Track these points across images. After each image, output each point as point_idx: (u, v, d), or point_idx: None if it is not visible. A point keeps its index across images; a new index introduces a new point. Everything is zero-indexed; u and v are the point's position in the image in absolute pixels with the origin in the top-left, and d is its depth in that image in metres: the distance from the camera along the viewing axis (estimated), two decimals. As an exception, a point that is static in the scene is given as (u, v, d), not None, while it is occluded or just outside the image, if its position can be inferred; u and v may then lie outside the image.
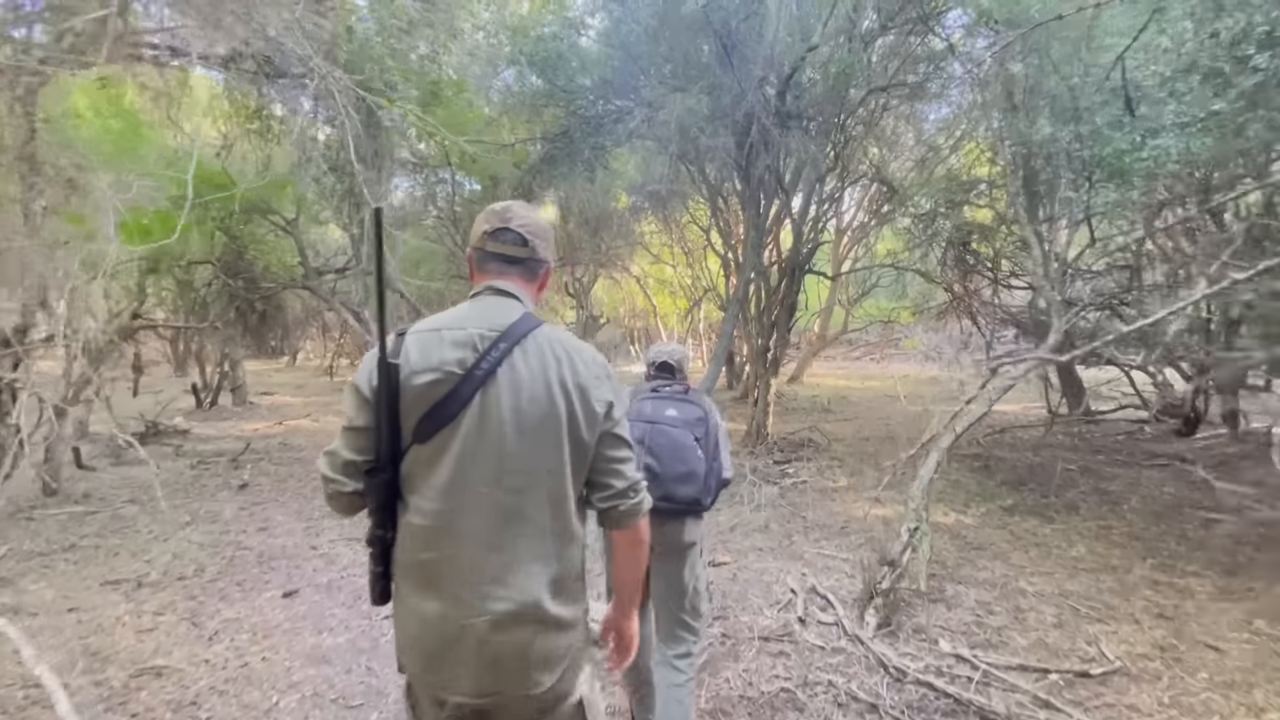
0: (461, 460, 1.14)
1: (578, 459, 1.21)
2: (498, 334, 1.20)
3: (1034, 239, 3.96)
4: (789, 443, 7.57)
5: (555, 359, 1.21)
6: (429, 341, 1.18)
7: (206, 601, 3.55)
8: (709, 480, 2.24)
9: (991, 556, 4.19)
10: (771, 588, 3.70)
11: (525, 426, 1.16)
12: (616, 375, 1.32)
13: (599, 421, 1.22)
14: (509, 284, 1.30)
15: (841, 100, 6.02)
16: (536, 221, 1.37)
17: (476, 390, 1.15)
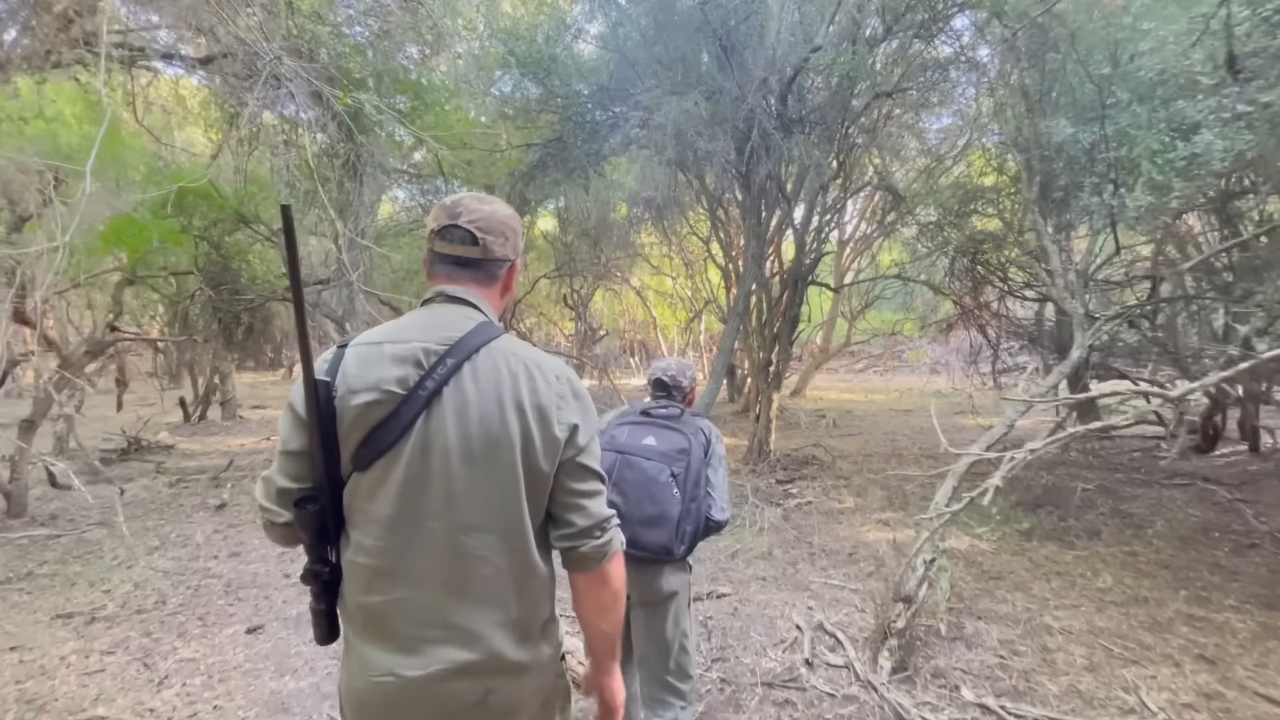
0: (405, 492, 1.01)
1: (535, 491, 1.07)
2: (445, 348, 1.05)
3: (1052, 248, 3.71)
4: (792, 460, 7.29)
5: (510, 375, 1.06)
6: (368, 357, 1.05)
7: (163, 638, 3.27)
8: (684, 524, 1.93)
9: (1011, 587, 3.91)
10: (775, 623, 3.42)
11: (474, 454, 1.02)
12: (586, 394, 1.12)
13: (560, 448, 1.06)
14: (462, 289, 1.14)
15: (845, 105, 5.81)
16: (491, 214, 1.15)
17: (419, 413, 1.02)
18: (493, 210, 1.15)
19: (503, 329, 1.15)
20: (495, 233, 1.14)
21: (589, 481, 1.10)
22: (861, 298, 13.88)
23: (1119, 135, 3.12)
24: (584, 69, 5.92)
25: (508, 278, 1.18)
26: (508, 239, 1.15)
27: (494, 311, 1.18)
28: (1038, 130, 3.55)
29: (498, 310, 1.20)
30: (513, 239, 1.16)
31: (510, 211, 1.18)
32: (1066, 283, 3.64)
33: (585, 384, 4.79)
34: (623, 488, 1.92)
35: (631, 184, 10.60)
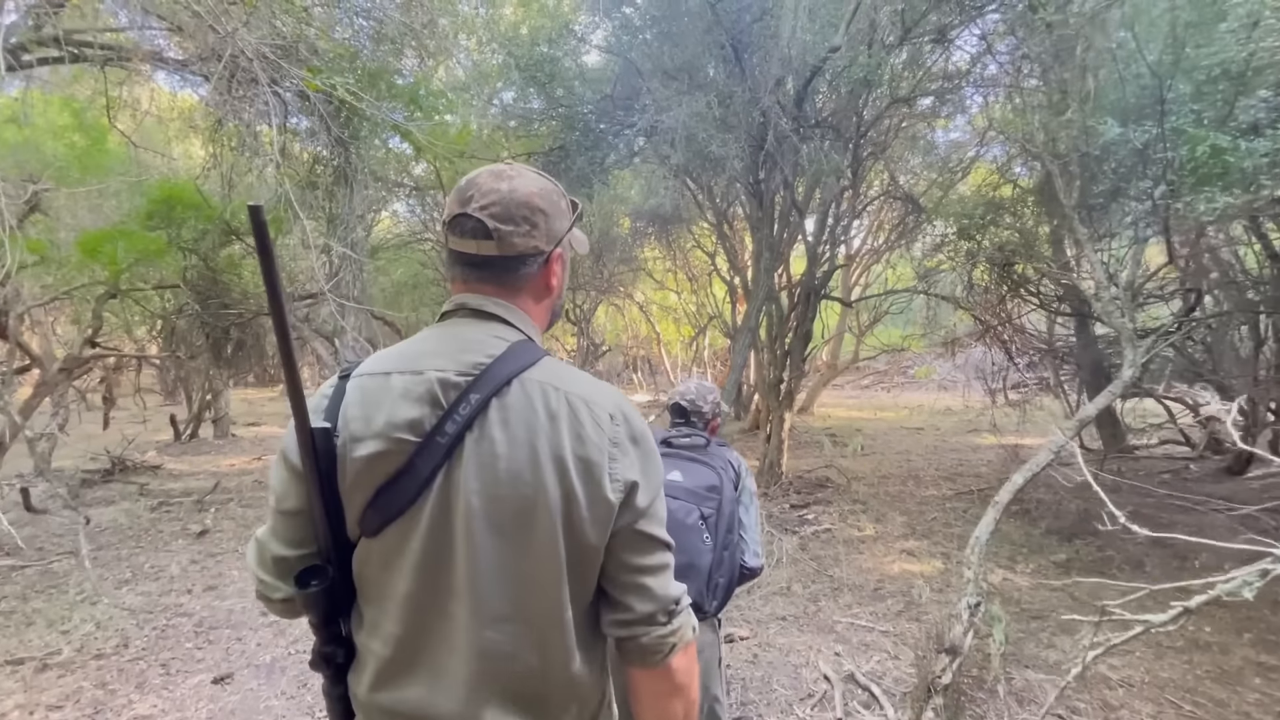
0: (424, 565, 0.80)
1: (581, 569, 0.82)
2: (469, 379, 0.81)
3: (1095, 259, 3.42)
4: (805, 482, 6.95)
5: (549, 417, 0.81)
6: (374, 393, 0.82)
7: (119, 689, 2.94)
8: (715, 575, 1.63)
9: (1056, 629, 3.57)
10: (800, 673, 3.08)
11: (502, 521, 0.79)
12: (648, 437, 0.85)
13: (613, 513, 0.81)
14: (484, 299, 0.88)
15: (861, 111, 5.57)
16: (510, 195, 0.85)
17: (439, 467, 0.79)
18: (512, 189, 0.85)
19: (545, 351, 0.88)
20: (515, 219, 0.85)
21: (652, 554, 0.85)
22: (870, 312, 13.61)
23: (1175, 133, 2.84)
24: (587, 75, 5.70)
25: (545, 275, 0.90)
26: (536, 225, 0.86)
27: (534, 324, 0.91)
28: (1079, 130, 3.27)
29: (541, 321, 0.93)
30: (545, 223, 0.87)
31: (539, 186, 0.88)
32: (1112, 296, 3.34)
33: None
34: None
35: (635, 197, 10.40)
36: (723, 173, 5.13)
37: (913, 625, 3.54)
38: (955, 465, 8.11)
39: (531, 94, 5.94)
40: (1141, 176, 3.01)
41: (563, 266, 0.94)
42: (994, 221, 5.06)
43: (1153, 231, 3.39)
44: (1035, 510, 5.88)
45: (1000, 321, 6.13)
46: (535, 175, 0.90)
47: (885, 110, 5.42)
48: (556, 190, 0.91)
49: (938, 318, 8.37)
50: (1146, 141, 2.88)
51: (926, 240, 7.18)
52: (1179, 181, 2.79)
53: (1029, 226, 5.28)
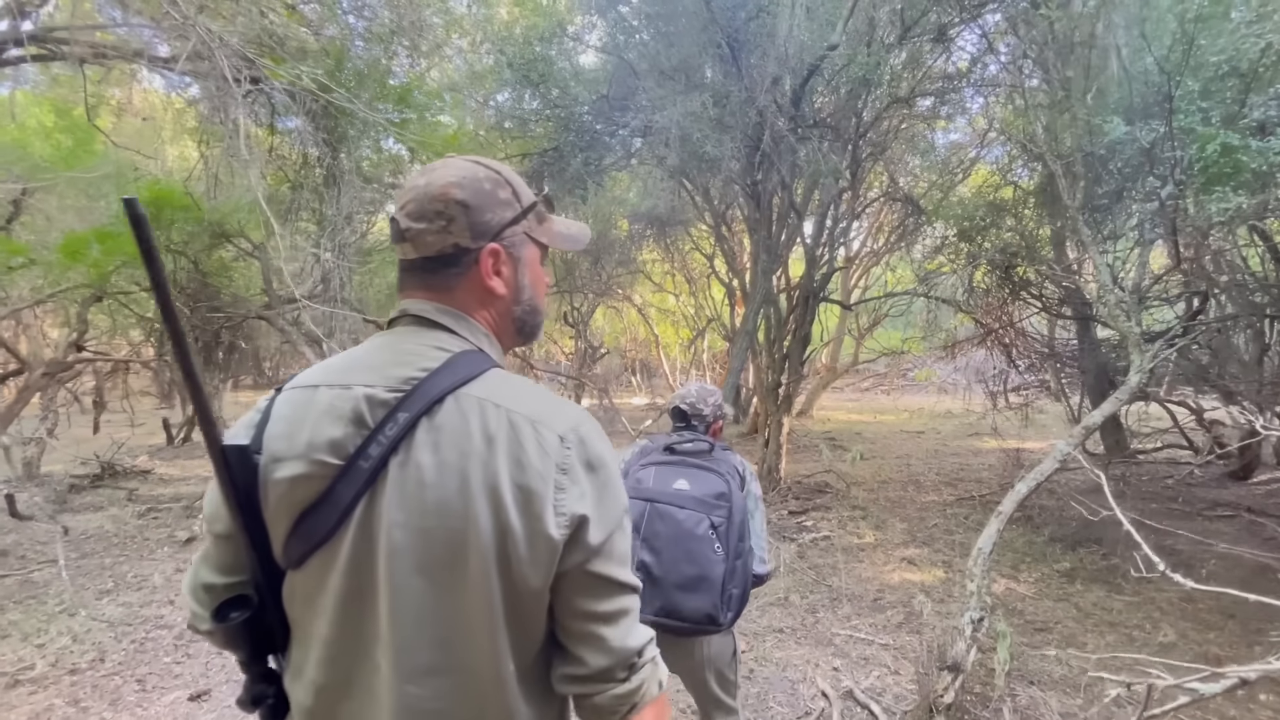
0: (344, 608, 0.71)
1: (521, 616, 0.71)
2: (399, 396, 0.72)
3: (1101, 261, 3.33)
4: (804, 488, 6.86)
5: (485, 439, 0.70)
6: (300, 407, 0.74)
7: (91, 707, 2.84)
8: (729, 586, 1.57)
9: (1062, 641, 3.46)
10: (797, 689, 2.98)
11: (428, 559, 0.68)
12: (607, 463, 0.73)
13: (556, 552, 0.70)
14: (425, 304, 0.79)
15: (860, 111, 5.48)
16: (425, 190, 0.76)
17: (360, 495, 0.70)
18: (428, 182, 0.77)
19: (492, 361, 0.78)
20: (427, 215, 0.76)
21: (608, 598, 0.73)
22: (869, 315, 13.53)
23: (1183, 132, 2.75)
24: (581, 75, 5.62)
25: (478, 276, 0.78)
26: (452, 220, 0.76)
27: (489, 333, 0.81)
28: (1084, 130, 3.18)
29: (500, 329, 0.83)
30: (465, 216, 0.76)
31: (462, 175, 0.77)
32: (1118, 299, 3.25)
33: (585, 404, 4.24)
34: (654, 544, 1.57)
35: (633, 199, 10.32)
36: (718, 173, 5.04)
37: (913, 638, 3.44)
38: (956, 470, 8.01)
39: (525, 94, 5.86)
40: (1148, 176, 2.92)
41: (513, 265, 0.82)
42: (995, 223, 4.97)
43: (1159, 233, 3.30)
44: (1038, 517, 5.78)
45: (1001, 324, 6.04)
46: (466, 164, 0.79)
47: (884, 110, 5.33)
48: (493, 178, 0.80)
49: (938, 321, 8.28)
50: (1153, 140, 2.79)
51: (926, 242, 7.10)
52: (1187, 182, 2.70)
53: (1031, 228, 5.20)
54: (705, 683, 1.72)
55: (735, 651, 1.78)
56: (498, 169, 0.81)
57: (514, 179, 0.83)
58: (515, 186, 0.82)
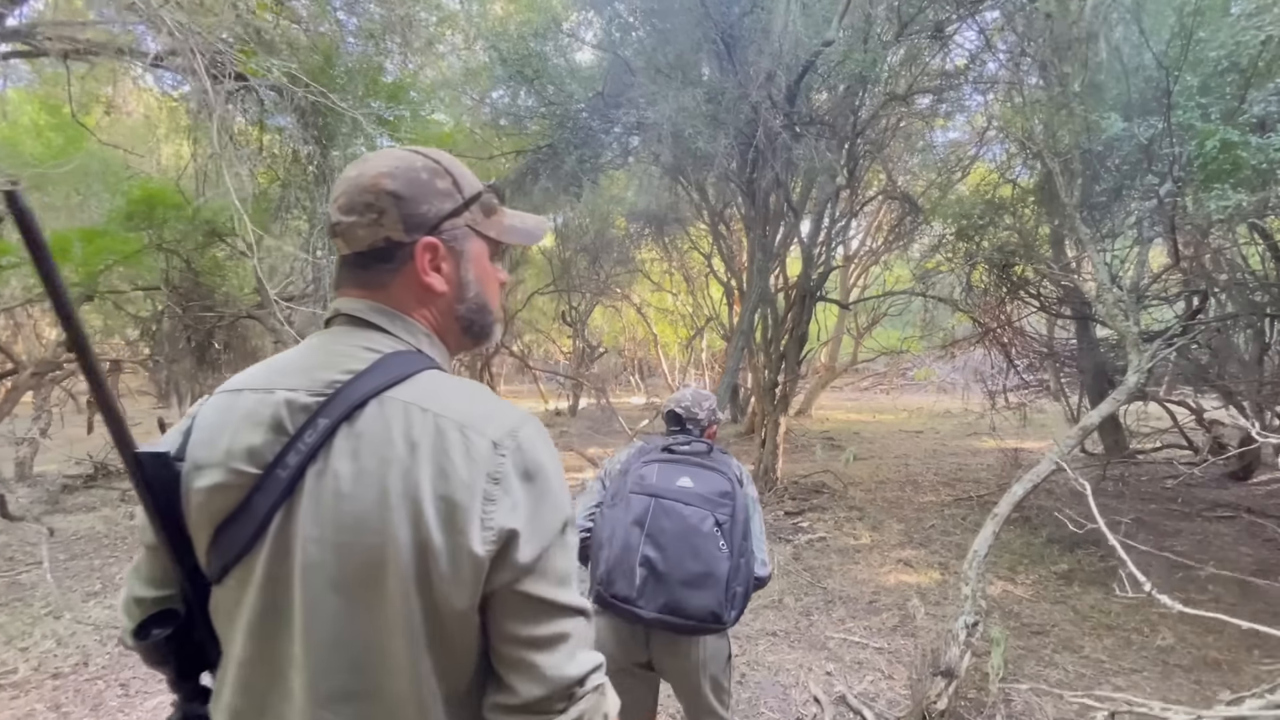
0: (259, 628, 0.66)
1: (446, 639, 0.65)
2: (322, 400, 0.67)
3: (1099, 260, 3.28)
4: (801, 488, 6.81)
5: (409, 446, 0.64)
6: (224, 412, 0.71)
7: (73, 712, 2.80)
8: (733, 584, 1.55)
9: (1058, 645, 3.42)
10: (789, 694, 2.93)
11: (345, 576, 0.63)
12: (545, 471, 0.67)
13: (482, 570, 0.64)
14: (357, 303, 0.74)
15: (855, 110, 5.43)
16: (356, 181, 0.72)
17: (277, 507, 0.66)
18: (360, 173, 0.72)
19: (429, 362, 0.72)
20: (358, 208, 0.71)
21: (543, 622, 0.66)
22: (868, 314, 13.49)
23: (1182, 128, 2.70)
24: (576, 70, 5.57)
25: (414, 271, 0.73)
26: (383, 212, 0.71)
27: (430, 333, 0.75)
28: (1081, 126, 3.13)
29: (443, 328, 0.77)
30: (396, 207, 0.71)
31: (395, 164, 0.72)
32: (1115, 298, 3.20)
33: (583, 404, 4.16)
34: (660, 540, 1.55)
35: (631, 198, 10.27)
36: (712, 170, 4.98)
37: (908, 641, 3.40)
38: (954, 470, 7.97)
39: (520, 91, 5.81)
40: (1146, 173, 2.88)
41: (455, 260, 0.76)
42: (993, 222, 4.92)
43: (1157, 231, 3.26)
44: (1036, 518, 5.74)
45: (1000, 324, 5.99)
46: (402, 153, 0.74)
47: (881, 108, 5.28)
48: (431, 167, 0.74)
49: (935, 320, 8.23)
50: (1152, 137, 2.75)
51: (924, 241, 7.05)
52: (1186, 179, 2.66)
53: (1029, 227, 5.15)
54: (699, 688, 1.68)
55: (730, 656, 1.75)
56: (437, 158, 0.76)
57: (456, 169, 0.77)
58: (457, 176, 0.76)
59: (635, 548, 1.53)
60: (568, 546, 0.69)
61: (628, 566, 1.52)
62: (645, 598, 1.50)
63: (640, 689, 1.71)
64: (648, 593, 1.50)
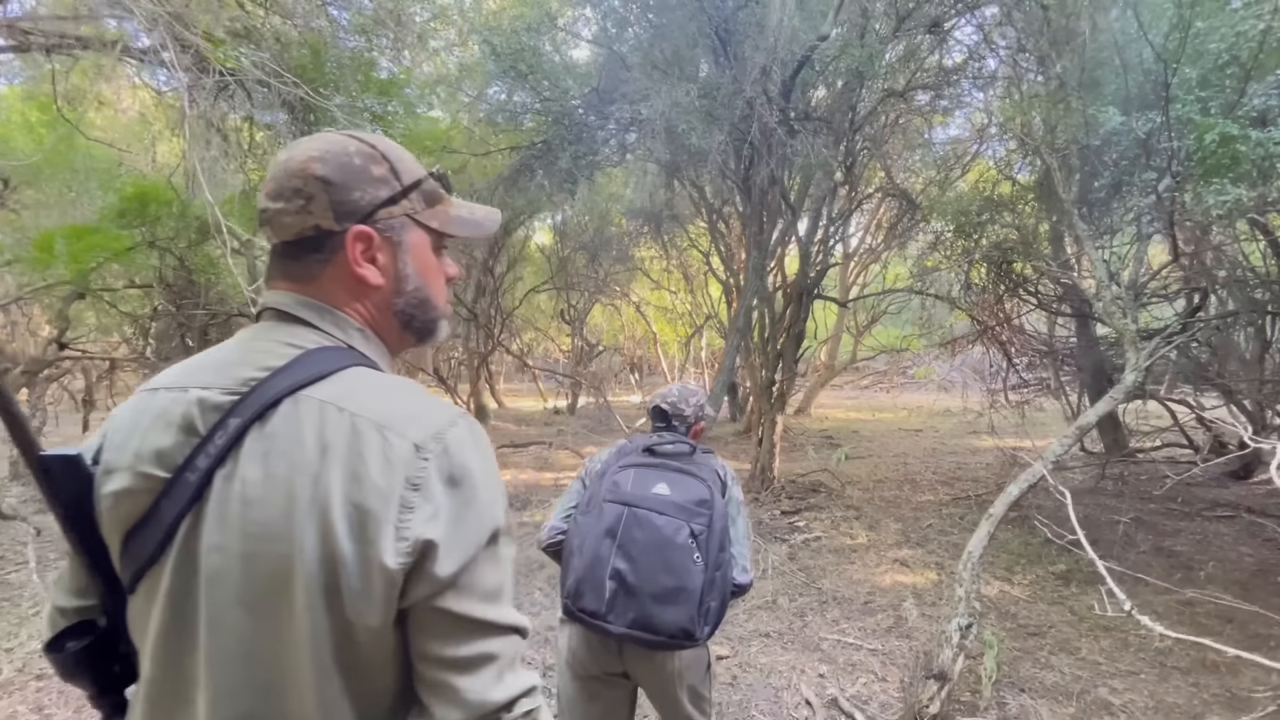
0: (165, 643, 0.62)
1: (357, 659, 0.60)
2: (236, 399, 0.63)
3: (1097, 257, 3.23)
4: (798, 487, 6.77)
5: (321, 448, 0.60)
6: (136, 414, 0.66)
7: (55, 713, 2.77)
8: (707, 599, 1.49)
9: (1055, 647, 3.38)
10: (781, 696, 2.89)
11: (251, 590, 0.59)
12: (473, 477, 0.62)
13: (395, 584, 0.59)
14: (284, 296, 0.70)
15: (853, 106, 5.38)
16: (285, 165, 0.67)
17: (184, 513, 0.61)
18: (289, 157, 0.68)
19: (358, 358, 0.67)
20: (285, 194, 0.66)
21: (465, 642, 0.61)
22: (868, 313, 13.44)
23: (1180, 122, 2.65)
24: (571, 66, 5.52)
25: (345, 262, 0.68)
26: (311, 198, 0.66)
27: (358, 325, 0.70)
28: (1079, 121, 3.09)
29: (379, 324, 0.72)
30: (326, 193, 0.66)
31: (326, 148, 0.68)
32: (1114, 296, 3.15)
33: (581, 402, 4.09)
34: (631, 551, 1.48)
35: (629, 196, 10.22)
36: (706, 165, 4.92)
37: (903, 643, 3.36)
38: (953, 469, 7.92)
39: (514, 87, 5.76)
40: (1145, 169, 2.83)
41: (391, 251, 0.71)
42: (992, 219, 4.88)
43: (1156, 227, 3.21)
44: (1033, 515, 5.69)
45: (998, 322, 5.94)
46: (335, 137, 0.70)
47: (878, 104, 5.23)
48: (366, 152, 0.69)
49: (933, 318, 8.18)
50: (1150, 131, 2.70)
51: (923, 239, 7.00)
52: (1185, 174, 2.61)
53: (1028, 224, 5.10)
54: (677, 700, 1.62)
55: (710, 664, 1.69)
56: (374, 143, 0.71)
57: (395, 154, 0.73)
58: (395, 163, 0.72)
59: (606, 559, 1.47)
60: (498, 559, 0.64)
61: (597, 579, 1.46)
62: (614, 612, 1.44)
63: (615, 697, 1.66)
64: (617, 607, 1.44)
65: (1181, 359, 4.96)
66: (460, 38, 6.31)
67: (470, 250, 10.38)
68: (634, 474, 1.61)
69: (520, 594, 4.12)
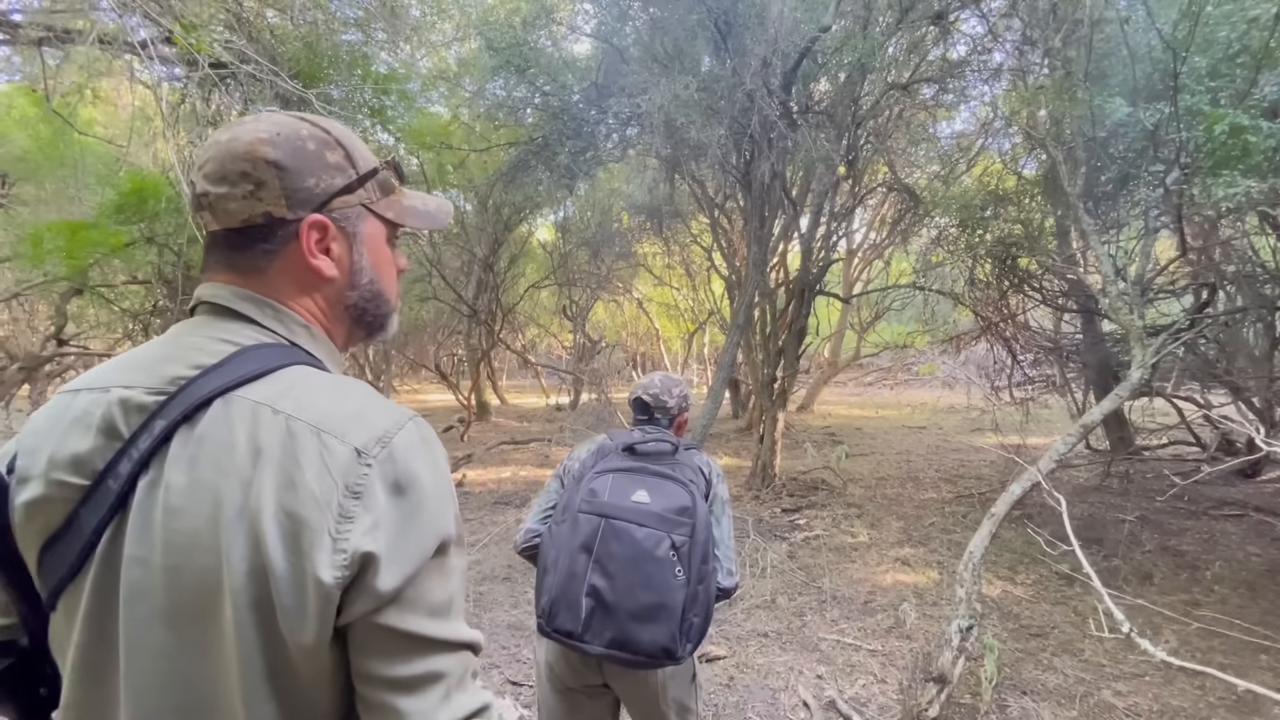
0: (84, 664, 0.57)
1: (289, 680, 0.56)
2: (162, 399, 0.58)
3: (1103, 251, 3.17)
4: (799, 485, 6.73)
5: (252, 453, 0.55)
6: (53, 417, 0.61)
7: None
8: (689, 615, 1.41)
9: (1058, 648, 3.33)
10: (778, 698, 2.85)
11: (174, 605, 0.54)
12: (418, 484, 0.57)
13: (331, 600, 0.54)
14: (221, 289, 0.65)
15: (855, 99, 5.31)
16: (231, 143, 0.62)
17: (106, 523, 0.57)
18: (233, 138, 0.62)
19: (301, 356, 0.63)
20: (229, 177, 0.61)
21: (408, 660, 0.57)
22: (871, 309, 13.36)
23: (1189, 113, 2.59)
24: (569, 60, 5.46)
25: (297, 253, 0.64)
26: (262, 183, 0.62)
27: (304, 320, 0.66)
28: (1086, 113, 3.02)
29: (326, 321, 0.68)
30: (278, 179, 0.62)
31: (275, 130, 0.63)
32: (1120, 292, 3.09)
33: (583, 399, 4.01)
34: (608, 567, 1.40)
35: (631, 192, 10.17)
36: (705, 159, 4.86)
37: (903, 644, 3.32)
38: (957, 466, 7.86)
39: (512, 82, 5.71)
40: (1152, 161, 2.76)
41: (346, 241, 0.68)
42: (996, 214, 4.80)
43: (1164, 221, 3.14)
44: (1038, 515, 5.63)
45: (1003, 318, 5.87)
46: (285, 119, 0.65)
47: (881, 97, 5.16)
48: (320, 137, 0.65)
49: (937, 314, 8.10)
50: (1158, 122, 2.63)
51: (926, 234, 6.92)
52: (1194, 166, 2.54)
53: (1033, 218, 5.03)
54: (663, 716, 1.56)
55: (695, 675, 1.62)
56: (328, 127, 0.67)
57: (350, 141, 0.68)
58: (350, 150, 0.68)
59: (581, 576, 1.39)
60: (446, 571, 0.60)
61: (572, 597, 1.39)
62: (591, 632, 1.37)
63: (597, 707, 1.59)
64: (594, 626, 1.37)
65: (1189, 356, 4.88)
66: (458, 31, 6.26)
67: (470, 246, 10.34)
68: (612, 480, 1.52)
69: (518, 594, 4.09)
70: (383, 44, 5.30)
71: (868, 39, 4.47)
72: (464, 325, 11.78)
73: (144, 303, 7.49)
